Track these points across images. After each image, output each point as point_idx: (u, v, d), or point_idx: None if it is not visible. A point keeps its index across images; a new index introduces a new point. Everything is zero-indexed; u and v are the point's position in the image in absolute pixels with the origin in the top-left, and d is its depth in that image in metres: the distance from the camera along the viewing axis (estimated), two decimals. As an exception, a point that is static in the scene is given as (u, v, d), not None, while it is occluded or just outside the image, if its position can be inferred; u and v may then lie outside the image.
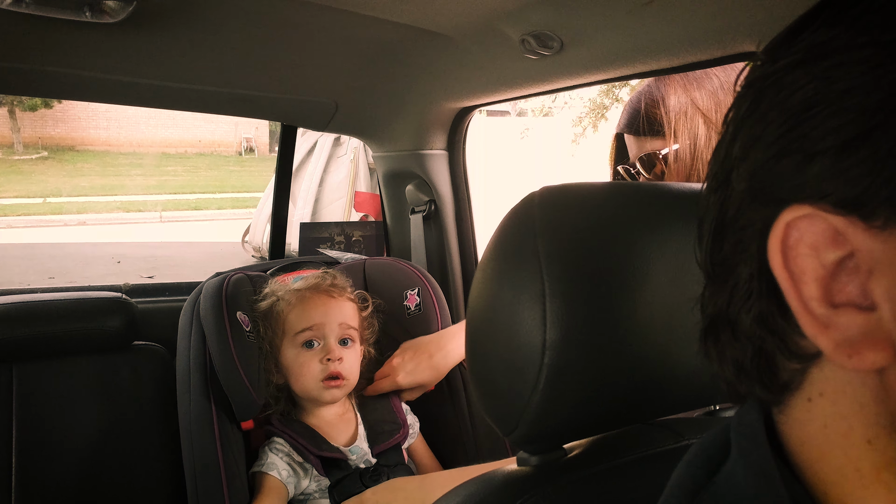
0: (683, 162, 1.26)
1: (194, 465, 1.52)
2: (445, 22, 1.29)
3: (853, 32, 0.36)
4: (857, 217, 0.35)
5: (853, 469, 0.39)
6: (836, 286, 0.37)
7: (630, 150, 1.36)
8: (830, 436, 0.40)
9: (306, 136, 6.62)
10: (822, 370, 0.40)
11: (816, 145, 0.37)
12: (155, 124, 23.14)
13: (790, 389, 0.42)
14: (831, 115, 0.36)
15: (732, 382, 0.45)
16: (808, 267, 0.37)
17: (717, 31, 1.06)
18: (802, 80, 0.38)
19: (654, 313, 0.65)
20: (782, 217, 0.38)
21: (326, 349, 1.56)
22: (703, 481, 0.47)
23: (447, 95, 1.74)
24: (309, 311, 1.57)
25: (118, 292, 1.88)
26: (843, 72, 0.36)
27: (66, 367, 1.77)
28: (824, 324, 0.37)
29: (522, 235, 0.65)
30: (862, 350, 0.36)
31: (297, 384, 1.56)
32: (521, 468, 0.73)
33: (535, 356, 0.63)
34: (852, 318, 0.36)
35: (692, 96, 1.26)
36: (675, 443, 0.76)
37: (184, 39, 1.40)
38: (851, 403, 0.38)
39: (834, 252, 0.37)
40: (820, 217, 0.37)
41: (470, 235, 2.10)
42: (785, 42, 0.41)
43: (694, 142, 1.24)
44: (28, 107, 20.71)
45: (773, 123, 0.39)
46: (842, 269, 0.37)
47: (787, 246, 0.38)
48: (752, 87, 0.42)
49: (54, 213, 14.09)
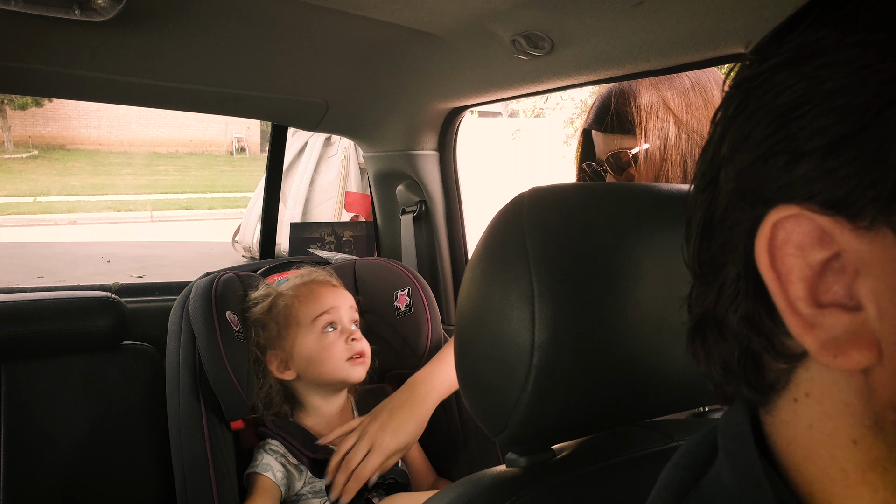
0: (653, 162, 1.24)
1: (183, 464, 1.52)
2: (436, 22, 1.29)
3: (841, 32, 0.36)
4: (843, 217, 0.35)
5: (838, 469, 0.39)
6: (823, 286, 0.37)
7: (597, 146, 1.34)
8: (816, 436, 0.40)
9: (297, 135, 6.61)
10: (808, 370, 0.40)
11: (804, 145, 0.37)
12: (146, 124, 23.08)
13: (776, 390, 0.42)
14: (819, 115, 0.36)
15: (720, 383, 0.45)
16: (795, 267, 0.37)
17: (707, 33, 1.06)
18: (790, 80, 0.38)
19: (643, 315, 0.65)
20: (769, 217, 0.38)
21: (346, 330, 1.58)
22: (691, 483, 0.47)
23: (438, 96, 1.74)
24: (321, 298, 1.59)
25: (108, 292, 1.88)
26: (830, 72, 0.36)
27: (56, 367, 1.76)
28: (810, 324, 0.37)
29: (511, 236, 0.65)
30: (847, 350, 0.36)
31: (323, 368, 1.55)
32: (510, 469, 0.73)
33: (524, 357, 0.63)
34: (838, 318, 0.36)
35: (663, 95, 1.25)
36: (664, 444, 0.76)
37: (174, 38, 1.40)
38: (836, 403, 0.38)
39: (820, 252, 0.37)
40: (807, 217, 0.37)
41: (460, 236, 2.10)
42: (773, 42, 0.41)
43: (664, 142, 1.23)
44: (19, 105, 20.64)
45: (761, 123, 0.39)
46: (828, 269, 0.37)
47: (773, 246, 0.38)
48: (741, 87, 0.42)
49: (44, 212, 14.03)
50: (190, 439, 1.52)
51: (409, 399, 1.52)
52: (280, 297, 1.61)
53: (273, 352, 1.57)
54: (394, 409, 1.51)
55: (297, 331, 1.56)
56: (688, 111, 1.24)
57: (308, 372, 1.56)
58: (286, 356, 1.57)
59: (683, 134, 1.23)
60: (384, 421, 1.48)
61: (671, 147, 1.23)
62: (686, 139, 1.24)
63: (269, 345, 1.58)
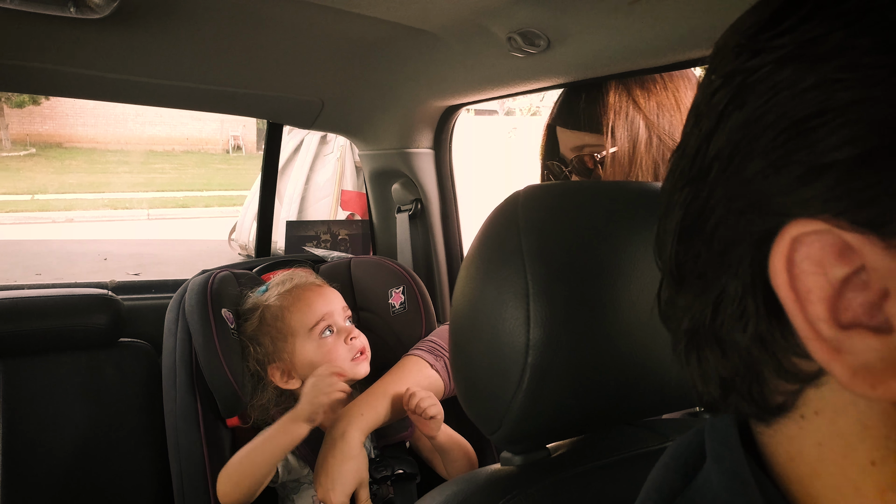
0: (621, 165, 1.17)
1: (180, 461, 1.52)
2: (432, 19, 1.28)
3: (853, 31, 0.33)
4: (875, 235, 0.33)
5: (852, 489, 0.37)
6: (842, 304, 0.34)
7: (562, 143, 1.27)
8: (826, 454, 0.38)
9: (293, 134, 6.60)
10: (818, 389, 0.37)
11: (825, 157, 0.33)
12: (142, 122, 23.04)
13: (784, 410, 0.39)
14: (843, 125, 0.33)
15: (716, 399, 0.43)
16: (815, 286, 0.35)
17: (704, 31, 1.06)
18: (803, 81, 0.35)
19: (639, 314, 0.65)
20: (786, 232, 0.35)
21: (344, 330, 1.57)
22: (680, 486, 0.46)
23: (433, 93, 1.74)
24: (312, 305, 1.57)
25: (104, 289, 1.88)
26: (851, 79, 0.33)
27: (52, 364, 1.76)
28: (835, 348, 0.34)
29: (506, 234, 0.65)
30: (887, 379, 0.33)
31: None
32: (505, 468, 0.73)
33: (519, 356, 0.63)
34: (867, 341, 0.34)
35: (633, 94, 1.18)
36: (659, 444, 0.76)
37: (170, 36, 1.40)
38: (853, 424, 0.36)
39: (841, 268, 0.34)
40: (832, 233, 0.34)
41: (456, 234, 2.10)
42: (764, 31, 0.37)
43: (633, 145, 1.16)
44: (16, 103, 20.59)
45: (771, 129, 0.36)
46: (847, 285, 0.34)
47: (792, 263, 0.35)
48: (732, 79, 0.38)
49: (42, 210, 13.99)
50: (186, 436, 1.53)
51: (332, 447, 1.39)
52: (268, 308, 1.58)
53: (274, 364, 1.56)
54: (325, 464, 1.38)
55: (293, 341, 1.55)
56: (659, 112, 1.18)
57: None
58: (288, 367, 1.56)
59: (655, 136, 1.16)
60: (322, 481, 1.37)
61: (641, 151, 1.16)
62: (658, 142, 1.17)
63: (267, 359, 1.56)
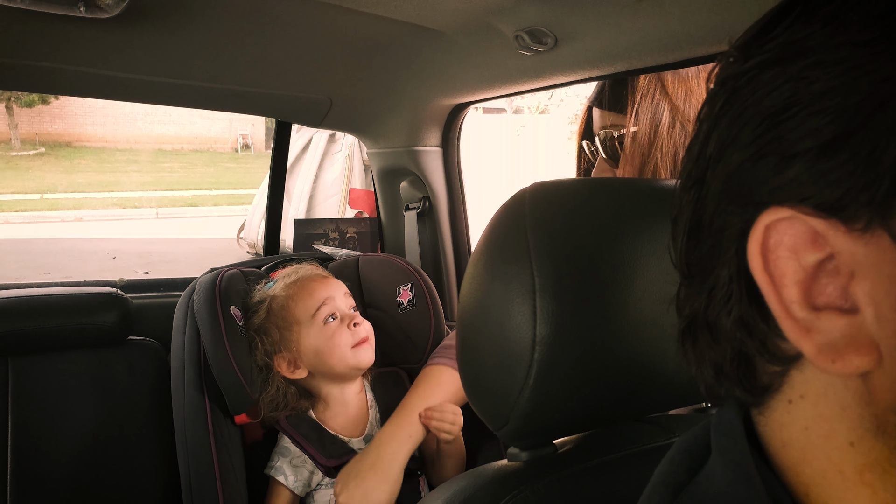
0: (641, 146, 1.18)
1: (188, 458, 1.52)
2: (440, 18, 1.29)
3: (829, 31, 0.36)
4: (837, 220, 0.35)
5: (836, 471, 0.39)
6: (817, 288, 0.37)
7: (595, 124, 1.29)
8: (812, 438, 0.40)
9: (301, 132, 6.61)
10: (802, 372, 0.40)
11: (794, 147, 0.36)
12: (151, 121, 23.08)
13: (770, 392, 0.42)
14: (809, 116, 0.36)
15: (711, 384, 0.45)
16: (789, 270, 0.37)
17: (712, 28, 1.06)
18: (778, 79, 0.37)
19: (645, 310, 0.65)
20: (761, 220, 0.38)
21: (347, 316, 1.58)
22: (685, 480, 0.47)
23: (441, 92, 1.74)
24: (315, 292, 1.59)
25: (113, 288, 1.89)
26: (820, 72, 0.36)
27: (61, 362, 1.77)
28: (806, 328, 0.37)
29: (513, 231, 0.66)
30: (846, 355, 0.36)
31: (331, 359, 1.55)
32: (512, 464, 0.74)
33: (525, 352, 0.63)
34: (834, 321, 0.36)
35: (663, 78, 1.19)
36: (666, 439, 0.76)
37: (179, 35, 1.40)
38: (833, 406, 0.38)
39: (814, 254, 0.36)
40: (799, 220, 0.36)
41: (464, 232, 2.10)
42: (756, 39, 0.40)
43: (655, 128, 1.17)
44: (25, 103, 20.64)
45: (749, 124, 0.39)
46: (822, 270, 0.37)
47: (766, 249, 0.38)
48: (725, 84, 0.41)
49: (51, 209, 14.03)
50: (195, 433, 1.53)
51: (376, 462, 1.42)
52: (274, 300, 1.60)
53: (280, 355, 1.57)
54: (361, 474, 1.41)
55: (298, 329, 1.56)
56: (687, 99, 1.19)
57: (318, 366, 1.56)
58: (294, 356, 1.57)
59: (678, 122, 1.18)
60: (351, 490, 1.38)
61: (663, 134, 1.17)
62: (680, 128, 1.18)
63: (274, 349, 1.58)
